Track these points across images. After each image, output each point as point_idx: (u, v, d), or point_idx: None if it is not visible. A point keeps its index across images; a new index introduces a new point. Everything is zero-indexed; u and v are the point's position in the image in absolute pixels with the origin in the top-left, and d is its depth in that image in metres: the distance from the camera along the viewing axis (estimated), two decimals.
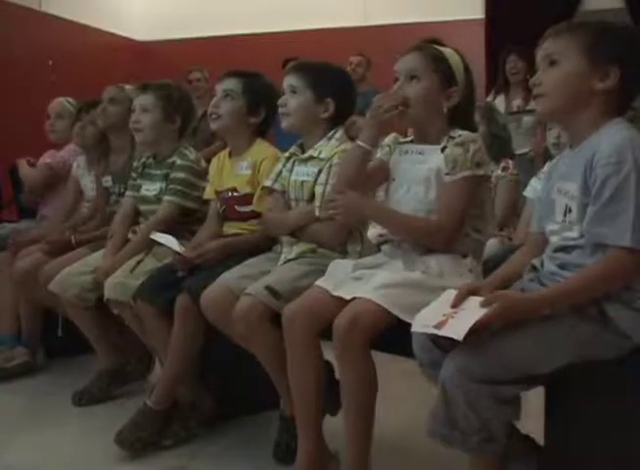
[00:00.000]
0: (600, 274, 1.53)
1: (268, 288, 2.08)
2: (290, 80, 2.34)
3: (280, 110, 2.36)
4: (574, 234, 1.61)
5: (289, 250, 2.29)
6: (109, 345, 2.91)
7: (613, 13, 6.42)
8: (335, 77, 2.40)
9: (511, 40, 5.16)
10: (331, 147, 2.30)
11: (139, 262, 2.60)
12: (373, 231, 3.02)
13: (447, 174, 1.96)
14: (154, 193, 2.80)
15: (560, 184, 1.68)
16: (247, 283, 2.16)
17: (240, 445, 2.47)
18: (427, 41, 2.09)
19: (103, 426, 2.52)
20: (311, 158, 2.32)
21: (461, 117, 2.04)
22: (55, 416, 2.74)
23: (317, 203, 2.25)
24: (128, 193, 2.93)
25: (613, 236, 1.50)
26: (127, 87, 3.13)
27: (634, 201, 1.48)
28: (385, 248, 2.11)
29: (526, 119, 4.66)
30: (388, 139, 2.17)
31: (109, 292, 2.55)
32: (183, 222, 2.76)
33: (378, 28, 6.89)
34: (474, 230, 2.00)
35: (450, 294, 1.64)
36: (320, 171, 2.28)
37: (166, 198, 2.73)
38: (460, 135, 1.98)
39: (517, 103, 4.93)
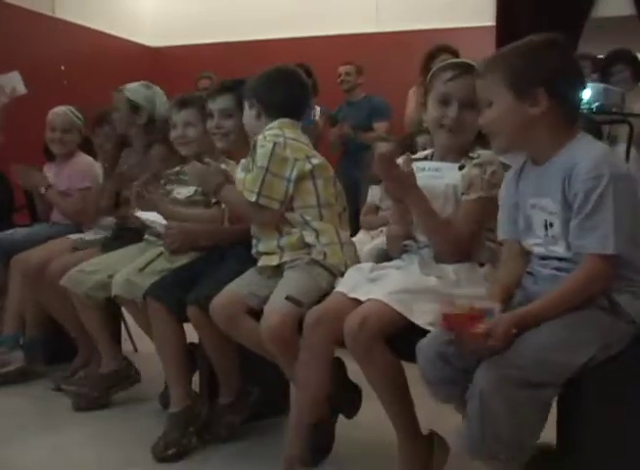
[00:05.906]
0: (582, 282, 1.61)
1: (290, 298, 2.09)
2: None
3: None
4: (560, 249, 1.67)
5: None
6: (113, 346, 2.92)
7: (623, 20, 6.40)
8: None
9: None
10: None
11: (150, 262, 2.61)
12: (369, 246, 3.03)
13: (463, 193, 2.01)
14: (186, 195, 2.77)
15: (533, 200, 1.73)
16: (252, 288, 2.23)
17: (252, 448, 2.49)
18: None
19: (108, 430, 2.52)
20: None
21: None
22: (57, 420, 2.75)
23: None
24: None
25: (595, 245, 1.58)
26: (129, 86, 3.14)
27: (613, 211, 1.57)
28: (405, 255, 2.14)
29: None
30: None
31: (117, 288, 2.57)
32: None
33: (390, 34, 6.88)
34: (490, 241, 2.04)
35: None
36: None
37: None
38: (479, 156, 2.02)
39: None
